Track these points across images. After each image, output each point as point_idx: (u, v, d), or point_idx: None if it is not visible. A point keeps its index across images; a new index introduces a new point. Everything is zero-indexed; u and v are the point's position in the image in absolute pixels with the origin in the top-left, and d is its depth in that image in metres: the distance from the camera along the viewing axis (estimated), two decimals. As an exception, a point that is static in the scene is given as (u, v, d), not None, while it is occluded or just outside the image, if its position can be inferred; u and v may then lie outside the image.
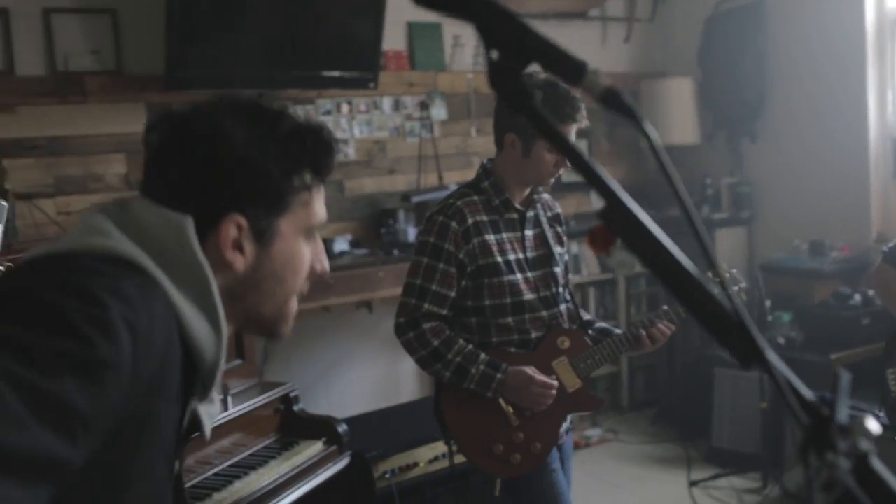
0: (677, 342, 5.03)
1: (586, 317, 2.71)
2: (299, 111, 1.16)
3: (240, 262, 1.11)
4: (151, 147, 1.12)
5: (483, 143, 5.07)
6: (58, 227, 3.79)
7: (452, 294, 2.42)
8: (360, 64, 4.47)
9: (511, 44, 0.77)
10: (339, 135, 4.63)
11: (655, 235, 0.77)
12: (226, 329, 1.09)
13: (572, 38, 5.41)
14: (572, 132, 2.41)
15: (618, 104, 0.77)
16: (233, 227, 1.09)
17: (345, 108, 4.66)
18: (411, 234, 4.52)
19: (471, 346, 2.41)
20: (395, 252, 4.35)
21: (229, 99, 1.14)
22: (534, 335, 2.49)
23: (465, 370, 2.38)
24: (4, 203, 1.59)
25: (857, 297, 4.45)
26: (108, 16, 4.09)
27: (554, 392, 2.41)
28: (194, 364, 1.06)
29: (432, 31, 4.92)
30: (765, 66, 5.13)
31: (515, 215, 2.50)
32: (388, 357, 4.81)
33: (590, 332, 2.62)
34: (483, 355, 2.40)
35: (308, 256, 1.20)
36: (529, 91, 0.77)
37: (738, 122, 5.30)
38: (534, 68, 0.82)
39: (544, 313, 2.50)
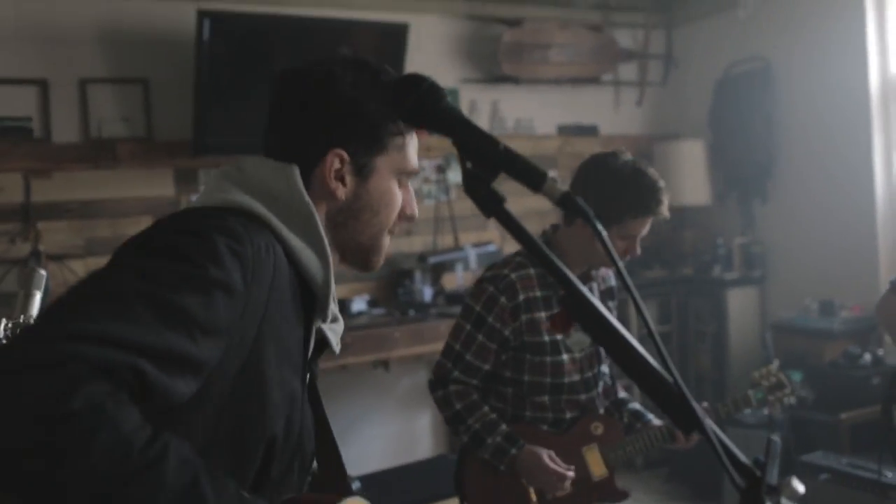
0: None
1: (622, 394, 2.66)
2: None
3: (341, 191, 1.29)
4: (273, 98, 1.34)
5: (498, 205, 5.22)
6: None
7: (486, 367, 2.37)
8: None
9: (482, 156, 0.90)
10: (358, 197, 4.79)
11: (607, 319, 0.89)
12: (330, 255, 1.27)
13: (586, 103, 5.59)
14: (648, 224, 2.36)
15: (573, 207, 0.90)
16: (336, 159, 1.28)
17: (364, 171, 4.83)
18: (427, 294, 4.65)
19: (493, 416, 2.36)
20: (411, 312, 4.47)
21: (337, 54, 1.35)
22: (568, 415, 2.43)
23: (482, 439, 2.33)
24: (43, 272, 1.73)
25: (867, 357, 4.50)
26: (139, 85, 4.31)
27: (567, 484, 2.33)
28: (311, 291, 1.25)
29: (450, 97, 5.08)
30: (773, 128, 5.27)
31: None
32: (404, 415, 4.92)
33: (624, 414, 2.58)
34: (503, 426, 2.34)
35: (400, 197, 1.37)
36: (499, 197, 0.90)
37: (749, 182, 5.42)
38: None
39: (583, 396, 2.43)
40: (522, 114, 5.34)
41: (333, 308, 1.31)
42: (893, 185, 4.82)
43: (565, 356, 2.35)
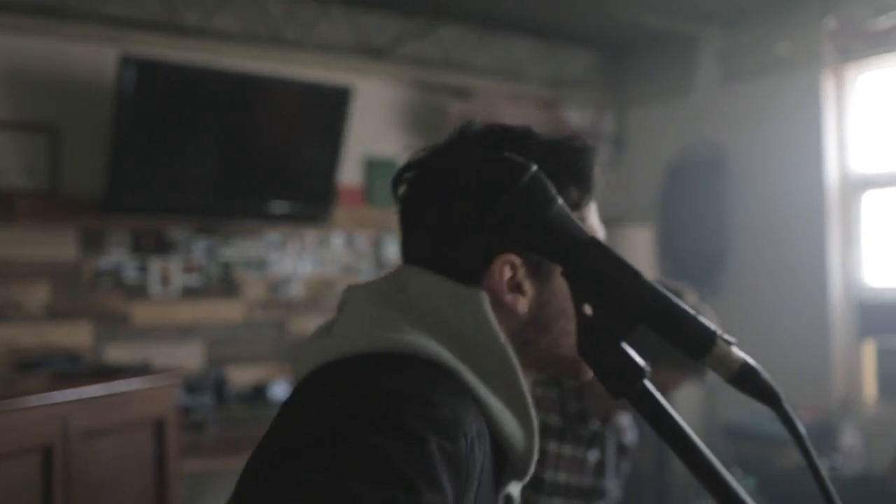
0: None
1: None
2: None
3: (521, 304, 0.97)
4: (402, 199, 1.04)
5: (437, 285, 4.85)
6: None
7: None
8: (312, 197, 4.25)
9: (614, 299, 0.52)
10: (285, 271, 4.35)
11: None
12: (535, 419, 0.95)
13: (531, 181, 5.31)
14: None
15: (754, 387, 0.54)
16: (506, 267, 0.96)
17: (293, 242, 4.40)
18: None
19: None
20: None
21: (471, 127, 1.05)
22: None
23: None
24: None
25: (824, 467, 4.24)
26: (47, 133, 3.83)
27: None
28: (503, 453, 0.95)
29: (390, 167, 4.75)
30: (726, 220, 5.06)
31: (585, 432, 1.96)
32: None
33: None
34: None
35: None
36: (639, 368, 0.52)
37: (698, 274, 5.17)
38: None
39: None
40: (466, 189, 5.02)
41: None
42: (852, 285, 4.63)
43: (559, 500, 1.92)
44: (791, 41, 4.69)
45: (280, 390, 4.04)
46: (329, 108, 4.20)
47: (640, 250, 5.23)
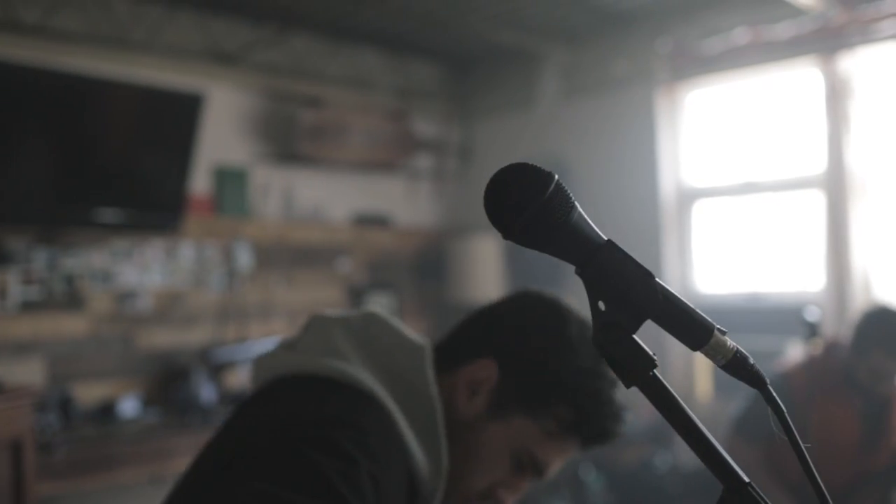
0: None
1: None
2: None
3: (465, 404, 1.12)
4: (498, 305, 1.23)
5: (289, 296, 4.79)
6: None
7: None
8: (160, 206, 4.11)
9: (629, 297, 0.57)
10: (131, 283, 4.18)
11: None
12: (446, 463, 1.07)
13: (382, 191, 5.36)
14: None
15: (745, 372, 0.60)
16: (486, 371, 1.12)
17: (140, 253, 4.23)
18: (208, 394, 4.07)
19: None
20: (192, 417, 3.88)
21: (576, 313, 1.19)
22: None
23: None
24: None
25: (665, 463, 4.50)
26: None
27: None
28: (415, 488, 1.08)
29: (240, 176, 4.66)
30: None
31: None
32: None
33: None
34: None
35: (505, 473, 1.14)
36: (650, 358, 0.57)
37: (544, 282, 5.30)
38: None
39: None
40: (317, 199, 4.99)
41: None
42: (685, 288, 4.93)
43: None
44: (628, 60, 4.96)
45: (129, 407, 3.88)
46: (178, 114, 4.08)
47: (488, 259, 5.37)
